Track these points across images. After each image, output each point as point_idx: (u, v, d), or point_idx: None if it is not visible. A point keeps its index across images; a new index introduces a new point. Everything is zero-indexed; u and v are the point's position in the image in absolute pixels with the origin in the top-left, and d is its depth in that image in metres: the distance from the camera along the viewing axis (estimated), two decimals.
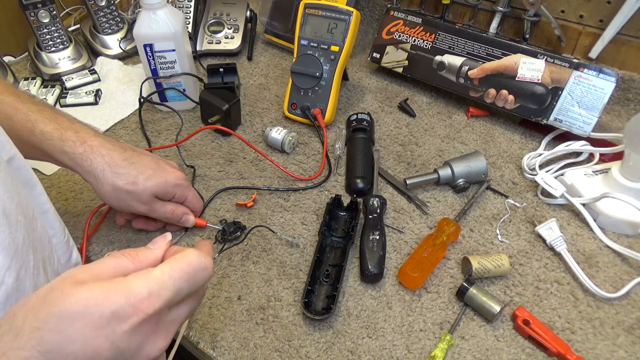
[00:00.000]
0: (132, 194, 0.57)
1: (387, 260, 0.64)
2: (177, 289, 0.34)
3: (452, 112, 0.88)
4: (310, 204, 0.71)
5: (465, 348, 0.55)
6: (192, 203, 0.65)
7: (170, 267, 0.34)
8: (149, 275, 0.33)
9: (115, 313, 0.31)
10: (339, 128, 0.83)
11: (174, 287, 0.34)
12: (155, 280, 0.33)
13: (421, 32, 0.89)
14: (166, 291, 0.33)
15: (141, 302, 0.31)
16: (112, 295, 0.31)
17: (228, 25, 1.02)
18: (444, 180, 0.72)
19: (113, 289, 0.31)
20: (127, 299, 0.31)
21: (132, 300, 0.31)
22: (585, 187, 0.69)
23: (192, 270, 0.35)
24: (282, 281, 0.61)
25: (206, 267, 0.36)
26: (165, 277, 0.33)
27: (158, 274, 0.33)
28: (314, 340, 0.56)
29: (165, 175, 0.60)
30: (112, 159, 0.56)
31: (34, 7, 0.90)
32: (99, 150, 0.56)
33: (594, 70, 0.73)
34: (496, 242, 0.66)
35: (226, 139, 0.82)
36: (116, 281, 0.32)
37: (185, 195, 0.63)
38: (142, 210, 0.60)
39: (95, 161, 0.55)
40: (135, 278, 0.33)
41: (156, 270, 0.34)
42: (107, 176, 0.56)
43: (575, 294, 0.60)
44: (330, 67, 0.81)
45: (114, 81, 0.95)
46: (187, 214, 0.64)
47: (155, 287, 0.32)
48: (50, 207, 0.50)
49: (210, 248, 0.42)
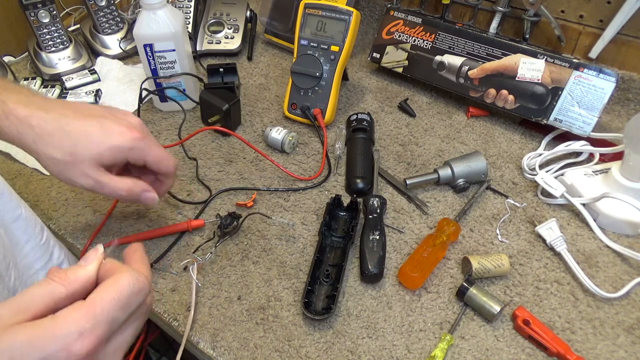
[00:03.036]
0: (71, 167, 0.49)
1: (387, 260, 0.64)
2: (111, 321, 0.32)
3: (452, 112, 0.88)
4: (310, 204, 0.71)
5: (465, 348, 0.55)
6: (156, 166, 0.52)
7: (100, 297, 0.32)
8: (78, 312, 0.31)
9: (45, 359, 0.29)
10: (339, 128, 0.83)
11: (107, 319, 0.31)
12: (86, 316, 0.30)
13: (421, 32, 0.89)
14: (99, 327, 0.31)
15: (73, 345, 0.29)
16: (38, 342, 0.29)
17: (228, 25, 1.02)
18: (444, 180, 0.72)
19: (40, 334, 0.29)
20: (56, 344, 0.29)
21: (61, 344, 0.29)
22: (585, 187, 0.69)
23: (125, 296, 0.33)
24: (282, 281, 0.61)
25: (140, 289, 0.34)
26: (97, 311, 0.31)
27: (88, 309, 0.31)
28: (314, 340, 0.56)
29: (111, 140, 0.49)
30: (43, 130, 0.48)
31: (34, 7, 0.90)
32: (28, 121, 0.48)
33: (594, 70, 0.73)
34: (496, 242, 0.66)
35: (226, 139, 0.82)
36: (43, 324, 0.30)
37: (142, 158, 0.51)
38: (88, 186, 0.50)
39: (24, 133, 0.48)
40: (63, 318, 0.30)
41: (86, 305, 0.31)
42: (40, 149, 0.48)
43: (575, 294, 0.60)
44: (330, 67, 0.81)
45: (114, 81, 0.94)
46: (147, 190, 0.51)
47: (87, 325, 0.30)
48: (22, 212, 0.48)
49: (141, 256, 0.39)
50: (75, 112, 0.50)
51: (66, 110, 0.50)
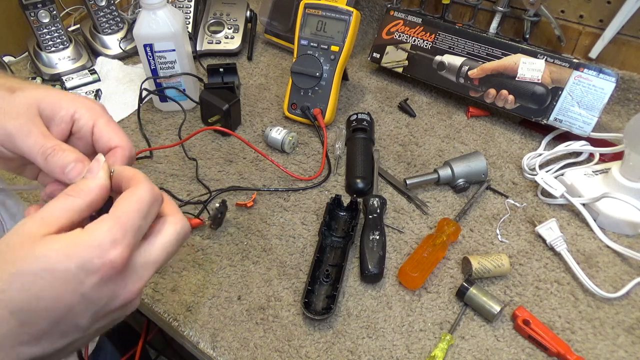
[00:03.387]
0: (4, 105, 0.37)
1: (387, 260, 0.64)
2: (137, 229, 0.33)
3: (452, 112, 0.88)
4: (310, 204, 0.71)
5: (465, 348, 0.55)
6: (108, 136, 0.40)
7: (125, 208, 0.33)
8: (107, 223, 0.32)
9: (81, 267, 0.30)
10: (339, 128, 0.83)
11: (134, 228, 0.32)
12: (116, 227, 0.31)
13: (421, 32, 0.89)
14: (128, 235, 0.32)
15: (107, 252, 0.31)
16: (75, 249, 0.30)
17: (228, 25, 1.02)
18: (444, 180, 0.72)
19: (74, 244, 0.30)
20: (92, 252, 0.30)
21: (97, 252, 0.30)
22: (585, 187, 0.69)
23: (146, 205, 0.33)
24: (282, 281, 0.61)
25: (157, 197, 0.35)
26: (123, 221, 0.32)
27: (116, 220, 0.32)
28: (314, 340, 0.56)
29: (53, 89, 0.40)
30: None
31: (34, 7, 0.90)
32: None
33: (594, 70, 0.73)
34: (496, 242, 0.66)
35: (226, 139, 0.82)
36: (75, 235, 0.31)
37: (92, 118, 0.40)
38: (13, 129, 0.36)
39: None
40: (94, 229, 0.31)
41: (113, 217, 0.32)
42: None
43: (575, 294, 0.60)
44: (330, 67, 0.81)
45: (114, 81, 0.95)
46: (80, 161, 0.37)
47: (118, 234, 0.31)
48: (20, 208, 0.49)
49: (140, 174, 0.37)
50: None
51: None
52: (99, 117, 0.40)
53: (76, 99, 0.40)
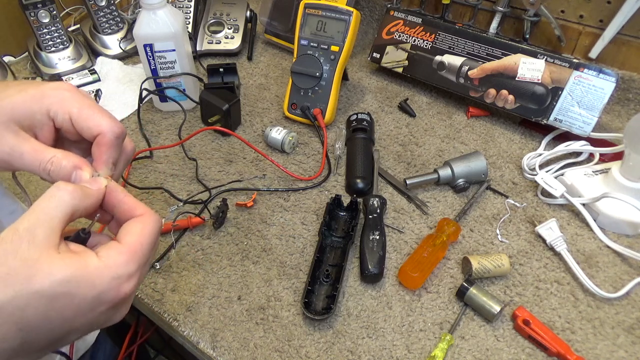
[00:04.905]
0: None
1: (387, 260, 0.64)
2: (147, 263, 0.35)
3: (452, 112, 0.88)
4: (310, 204, 0.71)
5: (465, 348, 0.55)
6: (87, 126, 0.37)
7: (140, 242, 0.34)
8: (123, 256, 0.33)
9: (97, 297, 0.31)
10: (339, 128, 0.83)
11: (146, 261, 0.34)
12: (132, 260, 0.33)
13: (421, 32, 0.89)
14: (142, 269, 0.34)
15: (122, 287, 0.32)
16: (96, 279, 0.31)
17: (228, 25, 1.02)
18: (444, 180, 0.72)
19: (96, 272, 0.31)
20: (110, 283, 0.31)
21: (114, 285, 0.31)
22: (585, 187, 0.69)
23: (155, 238, 0.35)
24: (282, 281, 0.61)
25: (160, 226, 0.36)
26: (139, 255, 0.33)
27: (133, 255, 0.33)
28: (314, 340, 0.56)
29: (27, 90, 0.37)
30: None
31: (34, 7, 0.90)
32: None
33: (594, 70, 0.73)
34: (496, 242, 0.66)
35: (226, 139, 0.82)
36: (90, 262, 0.31)
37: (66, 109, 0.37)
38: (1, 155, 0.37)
39: None
40: (111, 261, 0.32)
41: (129, 250, 0.33)
42: None
43: (575, 294, 0.60)
44: (330, 67, 0.81)
45: (114, 81, 0.94)
46: (79, 167, 0.36)
47: (133, 268, 0.33)
48: (17, 207, 0.49)
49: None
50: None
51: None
52: (71, 107, 0.37)
53: (44, 95, 0.37)
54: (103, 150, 0.37)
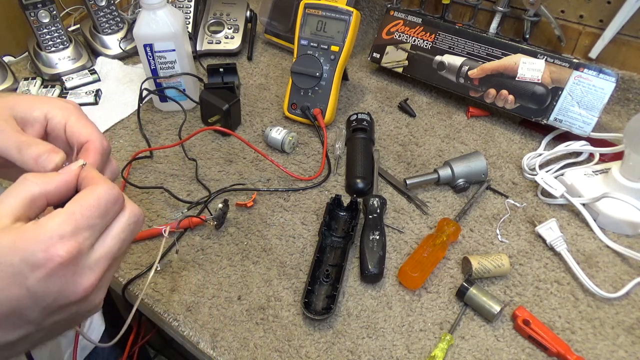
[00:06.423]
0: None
1: (387, 260, 0.64)
2: (91, 227, 0.32)
3: (452, 112, 0.88)
4: (310, 204, 0.71)
5: (465, 348, 0.55)
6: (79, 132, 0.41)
7: (79, 204, 0.32)
8: (59, 217, 0.31)
9: (25, 260, 0.30)
10: (339, 128, 0.83)
11: (87, 225, 0.32)
12: (67, 222, 0.31)
13: (421, 32, 0.89)
14: (79, 232, 0.32)
15: (53, 247, 0.30)
16: (21, 243, 0.30)
17: (228, 25, 1.02)
18: (444, 180, 0.72)
19: (22, 237, 0.30)
20: (37, 245, 0.30)
21: (43, 246, 0.30)
22: (585, 187, 0.69)
23: (103, 204, 0.33)
24: (282, 281, 0.61)
25: (116, 197, 0.34)
26: (76, 217, 0.32)
27: (68, 215, 0.32)
28: (314, 340, 0.56)
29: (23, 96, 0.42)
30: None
31: (34, 7, 0.90)
32: None
33: (594, 70, 0.73)
34: (496, 242, 0.66)
35: (226, 139, 0.82)
36: (26, 228, 0.31)
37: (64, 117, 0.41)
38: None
39: None
40: (45, 223, 0.31)
41: (65, 211, 0.32)
42: None
43: (575, 294, 0.60)
44: (330, 67, 0.81)
45: (114, 81, 0.95)
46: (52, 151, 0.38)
47: (68, 229, 0.31)
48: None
49: (115, 169, 0.40)
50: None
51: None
52: (70, 114, 0.41)
53: (49, 100, 0.41)
54: (89, 155, 0.39)
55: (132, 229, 0.36)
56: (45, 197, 0.34)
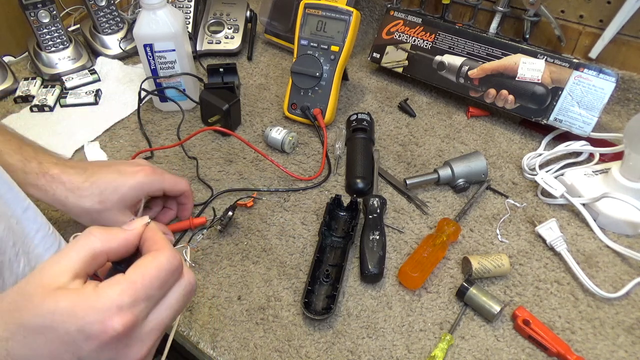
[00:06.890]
0: (102, 214, 0.56)
1: (387, 260, 0.64)
2: (149, 298, 0.32)
3: (452, 112, 0.88)
4: (310, 204, 0.71)
5: (465, 348, 0.55)
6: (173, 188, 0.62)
7: (141, 274, 0.32)
8: (119, 286, 0.31)
9: (81, 330, 0.29)
10: (339, 128, 0.83)
11: (146, 297, 0.32)
12: (127, 292, 0.31)
13: (421, 32, 0.89)
14: (138, 304, 0.31)
15: (110, 320, 0.30)
16: (79, 311, 0.30)
17: (228, 25, 1.02)
18: (444, 180, 0.72)
19: (81, 303, 0.30)
20: (94, 315, 0.30)
21: (100, 316, 0.30)
22: (585, 187, 0.69)
23: (164, 274, 0.33)
24: (282, 281, 0.61)
25: (176, 267, 0.34)
26: (137, 287, 0.31)
27: (129, 284, 0.31)
28: (314, 340, 0.56)
29: (129, 180, 0.58)
30: (73, 184, 0.56)
31: (34, 7, 0.90)
32: (60, 178, 0.55)
33: (594, 70, 0.73)
34: (496, 242, 0.66)
35: (226, 139, 0.82)
36: (85, 293, 0.30)
37: (159, 187, 0.60)
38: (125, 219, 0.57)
39: (57, 190, 0.55)
40: (104, 290, 0.31)
41: (127, 280, 0.32)
42: (72, 201, 0.55)
43: (575, 294, 0.60)
44: (330, 67, 0.81)
45: (114, 81, 0.95)
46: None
47: (127, 301, 0.31)
48: (30, 204, 0.50)
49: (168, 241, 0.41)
50: (94, 166, 0.59)
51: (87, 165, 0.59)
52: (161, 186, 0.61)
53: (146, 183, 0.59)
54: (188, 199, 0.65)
55: (186, 300, 0.36)
56: (106, 254, 0.34)
